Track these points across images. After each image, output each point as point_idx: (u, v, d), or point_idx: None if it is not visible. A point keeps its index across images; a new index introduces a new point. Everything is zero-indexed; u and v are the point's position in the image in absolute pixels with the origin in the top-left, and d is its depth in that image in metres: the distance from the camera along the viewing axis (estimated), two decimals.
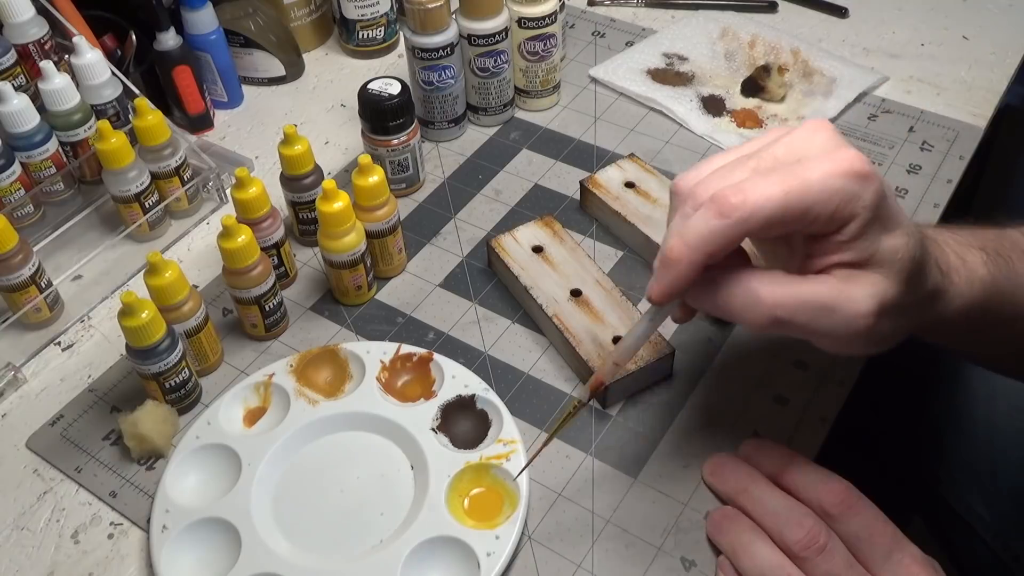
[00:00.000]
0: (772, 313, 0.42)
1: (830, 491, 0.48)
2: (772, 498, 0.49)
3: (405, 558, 0.49)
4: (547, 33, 0.76)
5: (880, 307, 0.42)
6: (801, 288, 0.42)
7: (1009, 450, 0.74)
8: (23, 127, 0.68)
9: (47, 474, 0.57)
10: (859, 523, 0.47)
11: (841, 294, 0.42)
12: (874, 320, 0.42)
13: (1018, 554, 0.72)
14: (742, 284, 0.43)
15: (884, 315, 0.42)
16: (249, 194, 0.61)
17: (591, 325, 0.59)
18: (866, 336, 0.43)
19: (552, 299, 0.61)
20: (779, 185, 0.40)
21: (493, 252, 0.65)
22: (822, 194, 0.40)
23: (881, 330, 0.43)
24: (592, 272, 0.63)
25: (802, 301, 0.42)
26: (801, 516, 0.47)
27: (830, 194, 0.40)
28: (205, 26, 0.79)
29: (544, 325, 0.62)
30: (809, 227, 0.42)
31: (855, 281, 0.42)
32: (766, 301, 0.42)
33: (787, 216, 0.41)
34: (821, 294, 0.42)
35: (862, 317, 0.42)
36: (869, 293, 0.42)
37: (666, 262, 0.43)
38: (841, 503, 0.47)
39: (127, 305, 0.53)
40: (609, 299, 0.61)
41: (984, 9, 0.89)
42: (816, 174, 0.41)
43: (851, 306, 0.42)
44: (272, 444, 0.55)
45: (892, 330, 0.44)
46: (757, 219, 0.40)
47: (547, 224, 0.66)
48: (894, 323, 0.43)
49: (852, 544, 0.47)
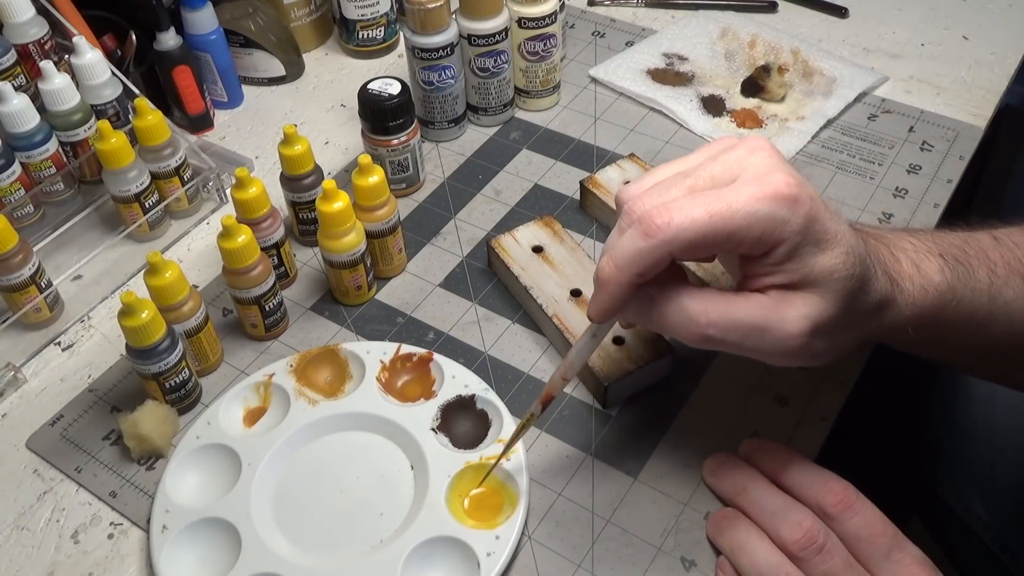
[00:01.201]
0: (704, 332, 0.43)
1: (829, 491, 0.48)
2: (771, 498, 0.49)
3: (405, 558, 0.49)
4: (547, 33, 0.76)
5: (813, 327, 0.42)
6: (733, 308, 0.43)
7: (1007, 450, 0.74)
8: (23, 127, 0.68)
9: (47, 474, 0.57)
10: (858, 523, 0.47)
11: (772, 314, 0.42)
12: (806, 340, 0.43)
13: (1016, 554, 0.72)
14: (675, 302, 0.43)
15: (817, 335, 0.43)
16: (249, 194, 0.61)
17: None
18: (799, 354, 0.43)
19: (552, 299, 0.61)
20: (704, 208, 0.41)
21: (493, 252, 0.65)
22: (746, 219, 0.41)
23: (815, 348, 0.44)
24: (592, 272, 0.62)
25: (734, 321, 0.43)
26: (800, 516, 0.47)
27: (754, 220, 0.41)
28: (205, 26, 0.79)
29: (544, 325, 0.62)
30: (736, 249, 0.42)
31: (788, 302, 0.43)
32: (699, 320, 0.43)
33: (710, 240, 0.41)
34: (753, 315, 0.43)
35: (793, 338, 0.42)
36: (802, 314, 0.42)
37: (598, 282, 0.44)
38: (840, 503, 0.47)
39: (127, 305, 0.53)
40: None
41: (984, 9, 0.89)
42: (742, 198, 0.41)
43: (782, 327, 0.42)
44: (272, 444, 0.55)
45: (829, 347, 0.44)
46: (680, 241, 0.41)
47: (547, 224, 0.66)
48: (831, 341, 0.44)
49: (852, 544, 0.47)
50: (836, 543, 0.47)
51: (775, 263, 0.42)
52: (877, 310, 0.46)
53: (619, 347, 0.57)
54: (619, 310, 0.45)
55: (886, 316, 0.46)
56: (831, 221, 0.43)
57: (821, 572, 0.46)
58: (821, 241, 0.42)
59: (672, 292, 0.44)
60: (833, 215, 0.43)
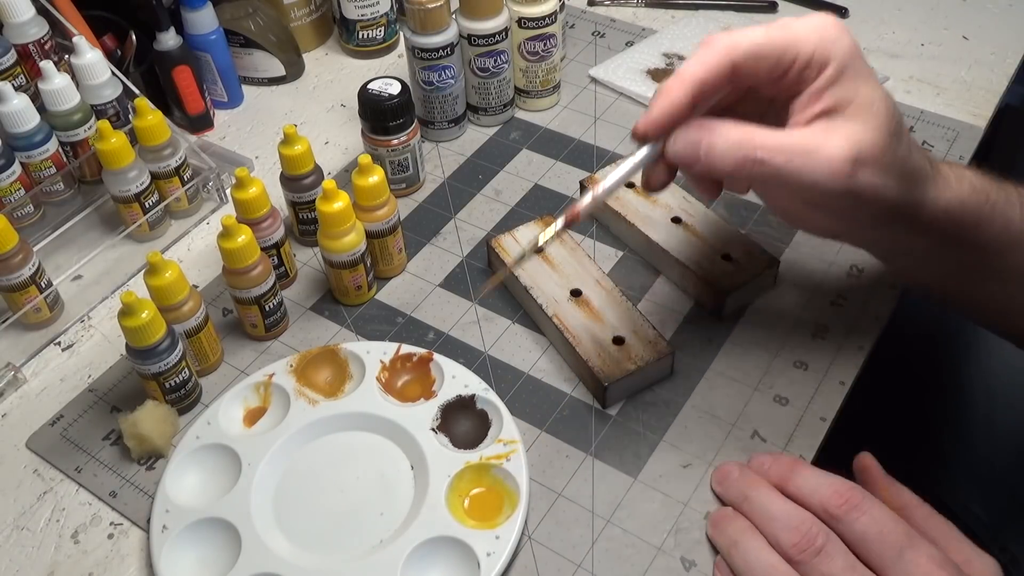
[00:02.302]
0: (753, 155, 0.44)
1: (834, 492, 0.47)
2: (772, 502, 0.49)
3: (405, 558, 0.49)
4: (547, 33, 0.76)
5: (856, 151, 0.44)
6: (780, 134, 0.45)
7: (1007, 451, 0.75)
8: (23, 127, 0.68)
9: (47, 474, 0.57)
10: (866, 523, 0.46)
11: (819, 138, 0.44)
12: (851, 166, 0.44)
13: (1015, 555, 0.72)
14: (725, 130, 0.45)
15: (862, 164, 0.44)
16: (249, 194, 0.61)
17: (591, 324, 0.59)
18: (846, 185, 0.44)
19: (552, 299, 0.61)
20: (762, 28, 0.46)
21: (493, 252, 0.65)
22: (801, 33, 0.45)
23: (862, 182, 0.44)
24: (592, 272, 0.63)
25: (782, 143, 0.44)
26: (799, 520, 0.47)
27: (808, 34, 0.45)
28: (205, 26, 0.79)
29: (544, 325, 0.62)
30: (789, 69, 0.45)
31: (832, 129, 0.45)
32: (749, 143, 0.45)
33: (767, 51, 0.45)
34: (799, 139, 0.45)
35: (839, 160, 0.44)
36: (846, 136, 0.44)
37: (658, 93, 0.46)
38: (845, 503, 0.47)
39: (127, 305, 0.53)
40: (609, 299, 0.61)
41: (984, 9, 0.89)
42: (797, 23, 0.46)
43: (827, 148, 0.44)
44: (272, 444, 0.55)
45: (874, 188, 0.45)
46: (741, 49, 0.45)
47: (547, 224, 0.66)
48: (874, 179, 0.45)
49: (860, 545, 0.46)
50: (837, 545, 0.46)
51: (823, 86, 0.45)
52: (915, 176, 0.47)
53: (619, 347, 0.58)
54: (669, 123, 0.46)
55: (926, 192, 0.48)
56: (870, 68, 0.46)
57: (820, 575, 0.46)
58: (864, 73, 0.45)
59: (722, 123, 0.46)
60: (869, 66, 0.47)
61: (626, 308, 0.60)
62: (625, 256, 0.67)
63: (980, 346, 0.82)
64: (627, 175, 0.49)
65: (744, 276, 0.61)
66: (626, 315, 0.60)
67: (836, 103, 0.45)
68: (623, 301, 0.60)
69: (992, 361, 0.80)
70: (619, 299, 0.61)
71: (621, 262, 0.67)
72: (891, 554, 0.45)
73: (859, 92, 0.45)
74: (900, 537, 0.46)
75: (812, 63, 0.45)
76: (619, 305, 0.60)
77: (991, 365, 0.80)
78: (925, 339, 0.84)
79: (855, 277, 0.64)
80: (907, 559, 0.45)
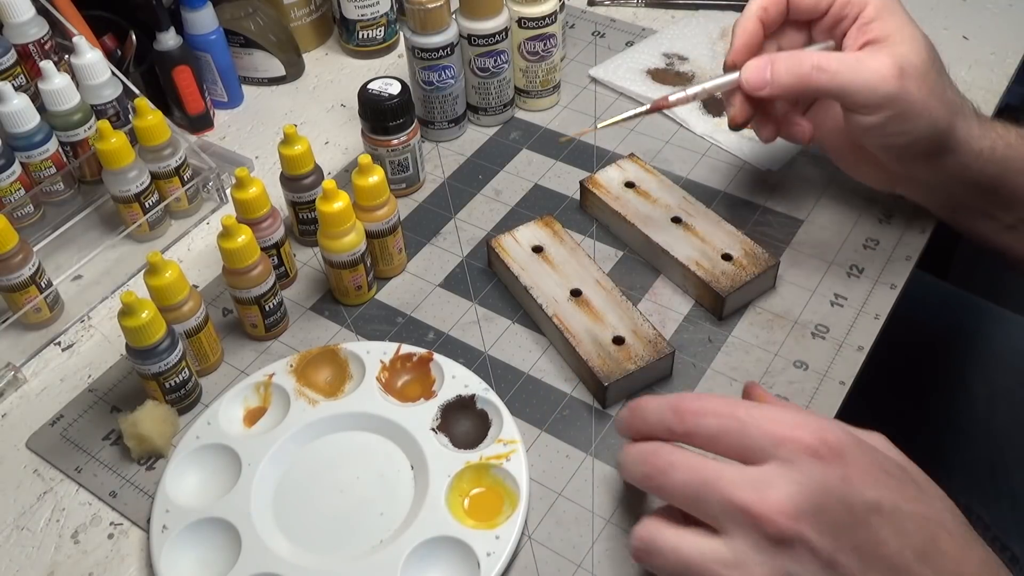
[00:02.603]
0: (810, 66, 0.54)
1: (670, 408, 0.44)
2: (624, 454, 0.46)
3: (405, 558, 0.49)
4: (547, 33, 0.76)
5: (902, 65, 0.53)
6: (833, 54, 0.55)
7: (1008, 451, 0.75)
8: (23, 127, 0.68)
9: (47, 474, 0.57)
10: (708, 423, 0.43)
11: (867, 55, 0.54)
12: (898, 73, 0.53)
13: (1016, 555, 0.72)
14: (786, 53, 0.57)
15: (907, 76, 0.53)
16: (249, 194, 0.61)
17: (591, 325, 0.59)
18: (895, 89, 0.53)
19: (552, 299, 0.61)
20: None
21: (493, 252, 0.65)
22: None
23: (908, 89, 0.53)
24: (592, 272, 0.63)
25: (834, 58, 0.54)
26: (643, 452, 0.45)
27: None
28: (205, 26, 0.79)
29: (544, 325, 0.62)
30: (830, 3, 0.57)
31: (879, 50, 0.55)
32: (808, 58, 0.55)
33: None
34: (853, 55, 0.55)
35: (887, 67, 0.53)
36: (890, 53, 0.54)
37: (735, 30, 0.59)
38: (682, 414, 0.44)
39: (127, 305, 0.53)
40: (609, 299, 0.61)
41: (984, 9, 0.89)
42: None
43: (876, 61, 0.53)
44: (272, 444, 0.55)
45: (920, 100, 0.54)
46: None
47: (547, 224, 0.66)
48: (919, 91, 0.54)
49: (716, 441, 0.43)
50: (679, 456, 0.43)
51: (865, 22, 0.56)
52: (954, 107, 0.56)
53: (619, 347, 0.58)
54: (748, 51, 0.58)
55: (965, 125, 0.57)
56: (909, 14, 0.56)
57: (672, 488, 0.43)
58: (901, 12, 0.56)
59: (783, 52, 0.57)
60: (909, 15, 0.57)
61: (626, 308, 0.60)
62: (625, 256, 0.67)
63: (980, 346, 0.82)
64: (716, 88, 0.59)
65: (744, 276, 0.61)
66: (626, 315, 0.60)
67: (878, 35, 0.55)
68: (623, 301, 0.60)
69: (992, 361, 0.81)
70: (619, 299, 0.61)
71: (621, 262, 0.67)
72: (753, 444, 0.42)
73: (900, 27, 0.55)
74: (736, 408, 0.43)
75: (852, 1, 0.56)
76: (619, 305, 0.60)
77: (991, 365, 0.80)
78: (925, 339, 0.84)
79: (855, 277, 0.64)
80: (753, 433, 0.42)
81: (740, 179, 0.73)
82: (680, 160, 0.75)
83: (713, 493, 0.41)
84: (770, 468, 0.41)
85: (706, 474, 0.41)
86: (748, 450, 0.42)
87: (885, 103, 0.54)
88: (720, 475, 0.41)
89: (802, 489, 0.39)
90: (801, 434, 0.41)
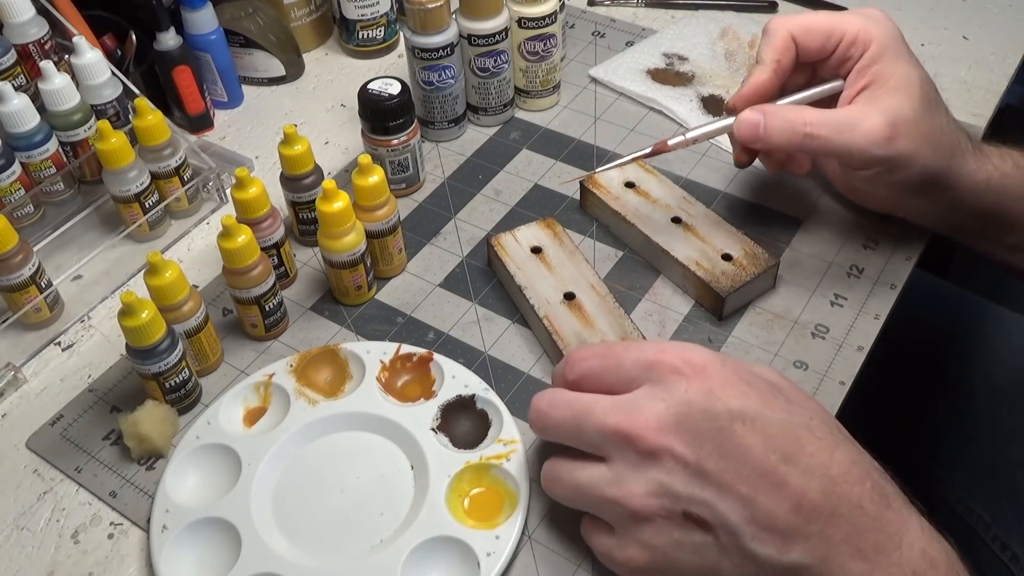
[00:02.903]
0: (803, 130, 0.54)
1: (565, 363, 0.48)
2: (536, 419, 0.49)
3: (405, 558, 0.49)
4: (547, 33, 0.76)
5: (893, 123, 0.53)
6: (827, 112, 0.55)
7: (1009, 450, 0.75)
8: (23, 127, 0.68)
9: (47, 474, 0.57)
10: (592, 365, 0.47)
11: (860, 112, 0.54)
12: (889, 133, 0.53)
13: (1017, 554, 0.72)
14: (781, 109, 0.56)
15: (898, 133, 0.53)
16: (249, 194, 0.61)
17: (580, 329, 0.59)
18: (886, 151, 0.53)
19: (545, 300, 0.61)
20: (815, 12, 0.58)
21: (492, 250, 0.65)
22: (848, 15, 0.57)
23: (899, 148, 0.53)
24: (588, 276, 0.62)
25: (827, 119, 0.54)
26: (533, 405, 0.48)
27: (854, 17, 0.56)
28: (205, 26, 0.79)
29: (535, 326, 0.62)
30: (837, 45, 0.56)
31: (873, 103, 0.54)
32: (799, 119, 0.55)
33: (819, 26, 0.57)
34: (845, 113, 0.55)
35: (878, 129, 0.53)
36: (883, 109, 0.53)
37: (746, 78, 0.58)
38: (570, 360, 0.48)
39: (127, 305, 0.53)
40: (602, 305, 0.60)
41: (984, 9, 0.89)
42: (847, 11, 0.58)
43: (869, 121, 0.53)
44: (272, 444, 0.55)
45: (910, 154, 0.54)
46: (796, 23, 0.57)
47: (548, 225, 0.66)
48: (910, 146, 0.54)
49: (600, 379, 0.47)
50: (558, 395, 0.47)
51: (865, 64, 0.55)
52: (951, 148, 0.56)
53: None
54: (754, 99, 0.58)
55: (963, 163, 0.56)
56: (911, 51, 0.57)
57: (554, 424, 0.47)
58: (903, 53, 0.56)
59: (776, 106, 0.57)
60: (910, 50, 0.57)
61: (618, 315, 0.60)
62: (625, 256, 0.67)
63: (981, 346, 0.82)
64: (713, 132, 0.60)
65: (744, 276, 0.61)
66: (616, 322, 0.59)
67: (877, 78, 0.55)
68: (616, 308, 0.60)
69: (993, 361, 0.81)
70: (612, 305, 0.60)
71: (621, 262, 0.67)
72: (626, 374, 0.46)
73: (898, 69, 0.54)
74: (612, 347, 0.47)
75: (857, 42, 0.55)
76: (611, 312, 0.60)
77: (992, 365, 0.80)
78: (925, 339, 0.84)
79: (855, 277, 0.64)
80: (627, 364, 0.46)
81: (740, 179, 0.73)
82: (680, 160, 0.75)
83: (589, 423, 0.45)
84: (640, 392, 0.44)
85: (580, 407, 0.45)
86: (624, 381, 0.45)
87: (876, 163, 0.55)
88: (593, 406, 0.45)
89: (668, 406, 0.43)
90: (665, 356, 0.44)
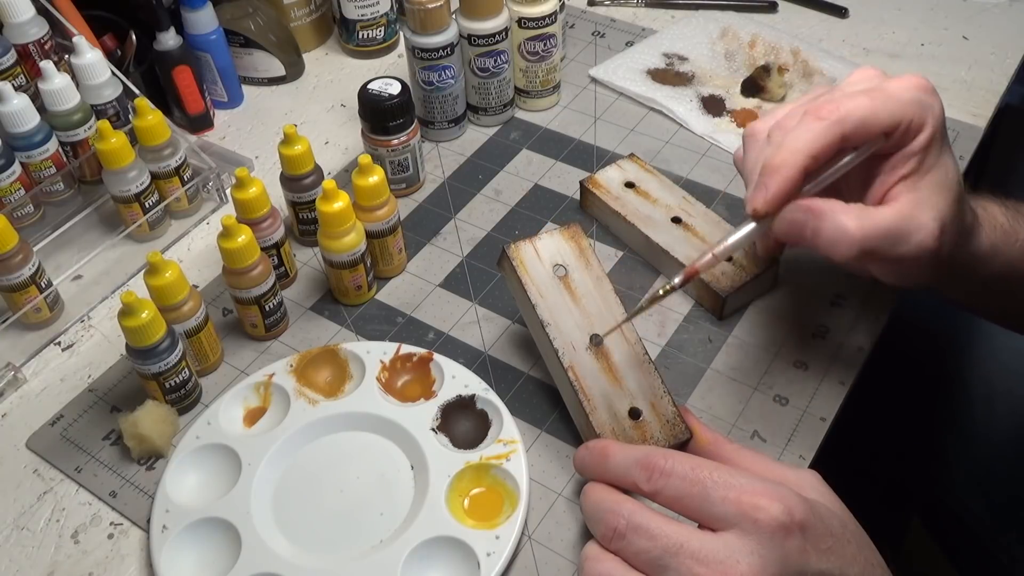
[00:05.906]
0: (860, 245, 0.47)
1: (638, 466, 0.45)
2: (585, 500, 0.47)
3: (405, 558, 0.49)
4: (547, 33, 0.76)
5: (943, 228, 0.48)
6: (879, 217, 0.47)
7: (1007, 451, 0.75)
8: (23, 127, 0.68)
9: (47, 474, 0.57)
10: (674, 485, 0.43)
11: (912, 219, 0.47)
12: (940, 239, 0.48)
13: (1015, 555, 0.72)
14: (831, 217, 0.47)
15: (945, 234, 0.48)
16: (249, 194, 0.61)
17: (608, 388, 0.53)
18: (935, 252, 0.48)
19: (570, 344, 0.54)
20: (865, 96, 0.47)
21: (507, 260, 0.57)
22: (901, 102, 0.47)
23: (942, 249, 0.48)
24: (616, 313, 0.55)
25: (883, 230, 0.47)
26: (601, 510, 0.45)
27: (908, 103, 0.47)
28: (205, 26, 0.79)
29: (555, 371, 0.56)
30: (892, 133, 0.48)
31: (920, 205, 0.48)
32: (855, 234, 0.47)
33: (873, 121, 0.47)
34: (896, 221, 0.47)
35: (931, 239, 0.47)
36: (934, 215, 0.48)
37: (770, 169, 0.47)
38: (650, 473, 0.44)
39: (127, 305, 0.53)
40: (631, 355, 0.54)
41: (984, 9, 0.89)
42: (894, 87, 0.48)
43: (923, 229, 0.47)
44: (272, 444, 0.55)
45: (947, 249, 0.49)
46: (852, 120, 0.47)
47: (573, 237, 0.58)
48: (950, 241, 0.49)
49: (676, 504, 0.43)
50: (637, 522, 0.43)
51: (915, 151, 0.48)
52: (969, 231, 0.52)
53: (635, 422, 0.52)
54: (786, 199, 0.48)
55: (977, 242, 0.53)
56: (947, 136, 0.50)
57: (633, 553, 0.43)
58: (945, 139, 0.50)
59: (826, 207, 0.47)
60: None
61: (647, 370, 0.54)
62: (625, 256, 0.67)
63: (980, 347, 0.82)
64: (742, 242, 0.51)
65: (744, 276, 0.61)
66: (646, 379, 0.54)
67: (923, 167, 0.48)
68: (645, 361, 0.54)
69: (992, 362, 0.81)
70: (641, 356, 0.54)
71: (621, 262, 0.67)
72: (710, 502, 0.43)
73: (943, 162, 0.49)
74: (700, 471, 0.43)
75: (910, 129, 0.48)
76: (640, 366, 0.54)
77: (991, 366, 0.80)
78: (925, 339, 0.84)
79: (855, 278, 0.64)
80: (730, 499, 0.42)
81: (740, 179, 0.73)
82: (680, 160, 0.75)
83: (676, 563, 0.41)
84: (732, 537, 0.41)
85: (667, 543, 0.42)
86: (712, 517, 0.42)
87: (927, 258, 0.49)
88: (682, 545, 0.41)
89: (764, 563, 0.40)
90: (767, 503, 0.41)
